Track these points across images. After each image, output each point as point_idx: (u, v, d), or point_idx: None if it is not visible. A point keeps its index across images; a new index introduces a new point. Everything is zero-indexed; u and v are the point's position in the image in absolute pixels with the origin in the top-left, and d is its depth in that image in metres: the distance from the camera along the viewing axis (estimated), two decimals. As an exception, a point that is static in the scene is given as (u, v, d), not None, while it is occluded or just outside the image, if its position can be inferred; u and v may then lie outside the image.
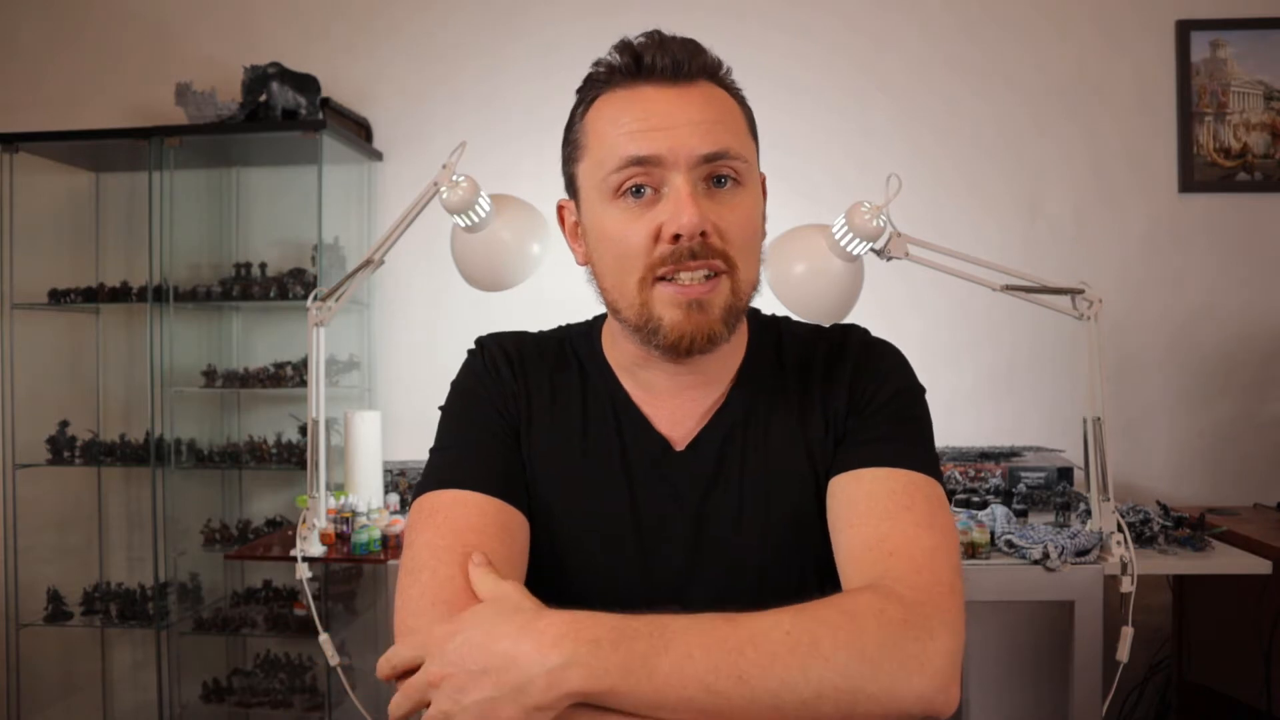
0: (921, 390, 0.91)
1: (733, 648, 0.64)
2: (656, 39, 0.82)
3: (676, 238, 0.78)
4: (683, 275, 0.79)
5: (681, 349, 0.81)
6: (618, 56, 0.82)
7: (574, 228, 0.90)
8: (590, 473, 0.87)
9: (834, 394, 0.88)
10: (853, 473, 0.83)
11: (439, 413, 0.93)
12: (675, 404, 0.89)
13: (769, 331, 0.94)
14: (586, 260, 0.88)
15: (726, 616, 0.67)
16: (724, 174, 0.80)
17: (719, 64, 0.84)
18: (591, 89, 0.85)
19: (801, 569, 0.86)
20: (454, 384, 0.94)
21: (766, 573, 0.85)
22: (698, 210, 0.77)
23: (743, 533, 0.85)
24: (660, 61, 0.80)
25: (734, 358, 0.91)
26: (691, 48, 0.82)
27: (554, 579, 0.84)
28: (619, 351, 0.91)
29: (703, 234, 0.78)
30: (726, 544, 0.85)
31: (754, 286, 0.85)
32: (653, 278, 0.80)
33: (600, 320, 0.95)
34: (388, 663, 0.70)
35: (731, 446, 0.87)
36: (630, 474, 0.87)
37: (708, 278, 0.80)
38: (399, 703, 0.68)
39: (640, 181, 0.79)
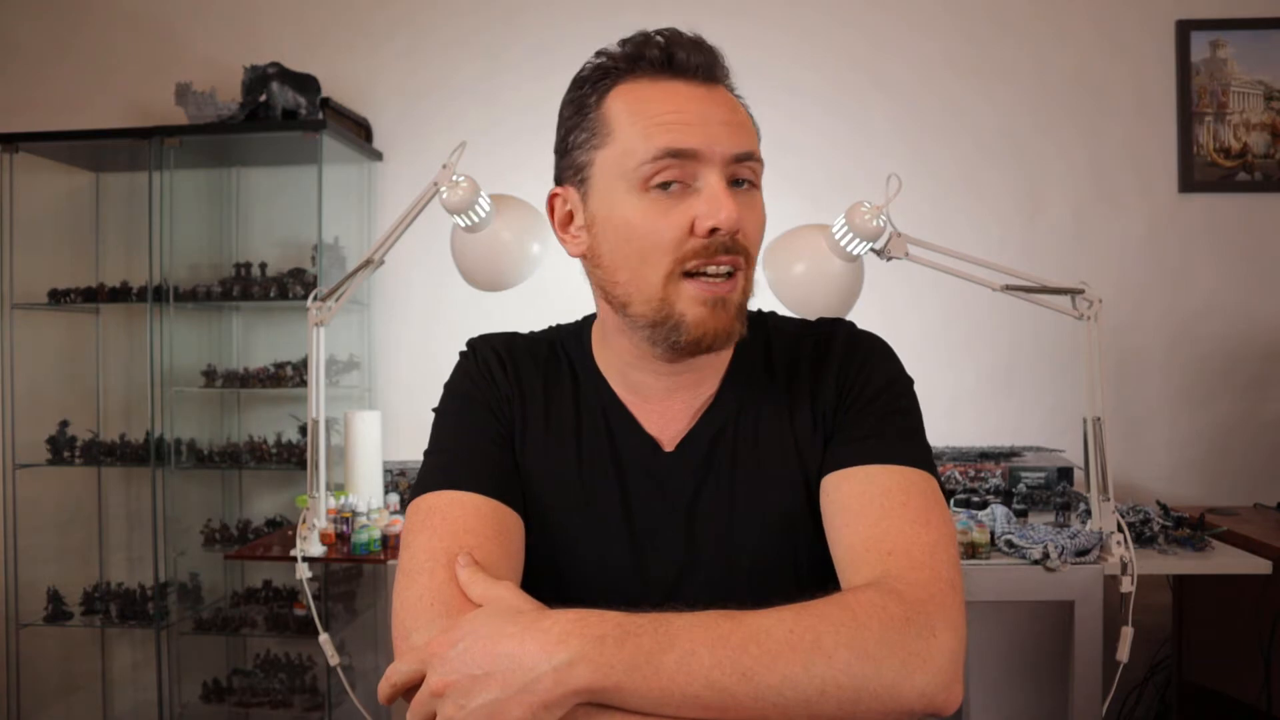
0: (910, 381, 0.90)
1: (736, 644, 0.64)
2: (685, 38, 0.82)
3: (713, 231, 0.78)
4: (710, 269, 0.79)
5: (703, 346, 0.81)
6: (643, 48, 0.81)
7: (567, 218, 0.87)
8: (583, 475, 0.87)
9: (822, 390, 0.88)
10: (845, 470, 0.82)
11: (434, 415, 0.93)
12: (665, 405, 0.89)
13: (757, 328, 0.94)
14: (583, 252, 0.86)
15: (728, 613, 0.67)
16: (745, 177, 0.82)
17: (729, 71, 0.85)
18: (608, 76, 0.83)
19: (795, 567, 0.86)
20: (447, 386, 0.94)
21: (759, 571, 0.85)
22: (735, 205, 0.78)
23: (734, 531, 0.85)
24: (693, 60, 0.81)
25: (723, 356, 0.90)
26: (716, 53, 0.83)
27: (549, 580, 0.84)
28: (609, 353, 0.90)
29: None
30: (718, 543, 0.85)
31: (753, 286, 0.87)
32: (680, 271, 0.79)
33: (589, 320, 0.95)
34: (388, 682, 0.69)
35: (721, 445, 0.87)
36: (622, 475, 0.87)
37: (729, 275, 0.80)
38: None
39: (672, 176, 0.79)
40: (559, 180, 0.88)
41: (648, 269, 0.80)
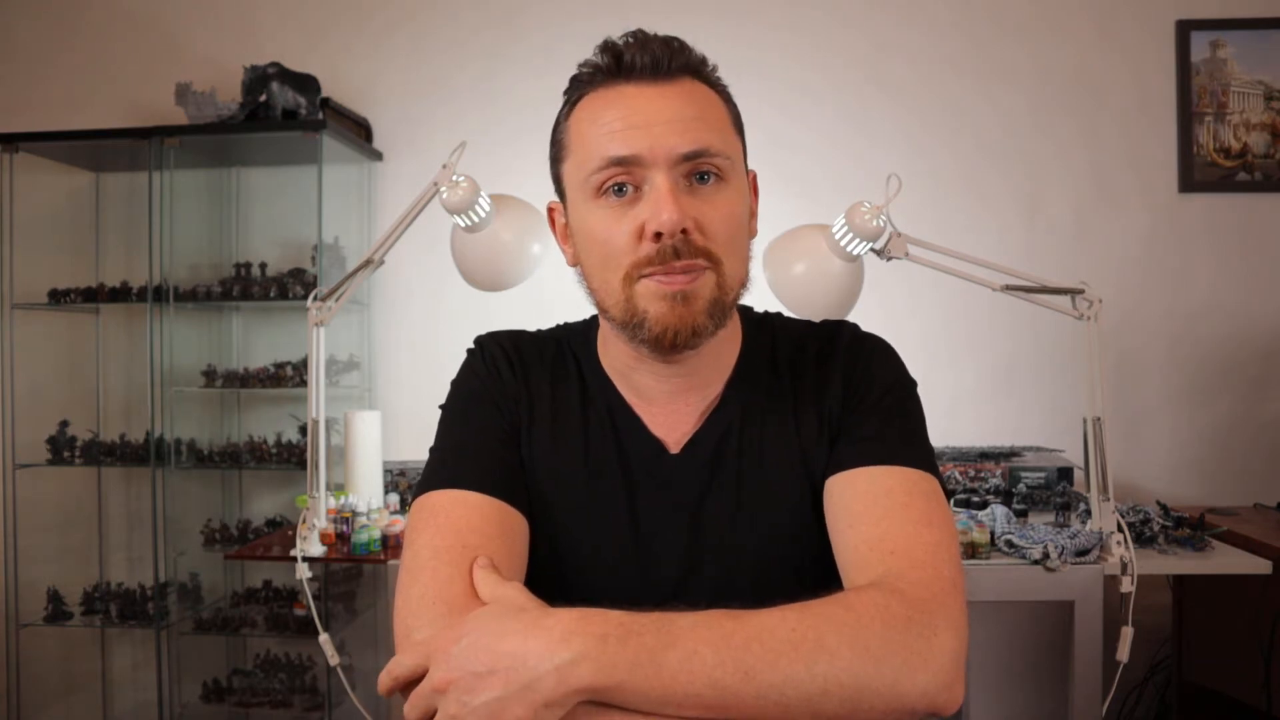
0: (913, 384, 0.91)
1: (738, 643, 0.64)
2: (638, 38, 0.82)
3: (658, 236, 0.78)
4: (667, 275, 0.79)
5: (666, 342, 0.80)
6: (600, 56, 0.82)
7: (564, 229, 0.90)
8: (588, 476, 0.87)
9: (827, 392, 0.88)
10: (849, 472, 0.83)
11: (439, 412, 0.93)
12: (670, 407, 0.89)
13: (762, 330, 0.94)
14: (575, 261, 0.88)
15: (731, 613, 0.67)
16: (706, 171, 0.80)
17: (702, 60, 0.84)
18: (575, 90, 0.85)
19: (798, 568, 0.86)
20: (454, 383, 0.94)
21: (763, 572, 0.85)
22: (678, 207, 0.77)
23: (739, 533, 0.85)
24: (640, 60, 0.80)
25: (728, 358, 0.90)
26: (673, 45, 0.82)
27: (553, 580, 0.84)
28: (612, 355, 0.91)
29: (684, 231, 0.78)
30: (723, 544, 0.86)
31: (742, 283, 0.85)
32: (637, 275, 0.80)
33: (596, 320, 0.95)
34: (389, 675, 0.69)
35: (727, 447, 0.87)
36: (627, 477, 0.87)
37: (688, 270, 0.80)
38: (408, 713, 0.67)
39: (621, 180, 0.80)
40: (555, 193, 0.90)
41: (609, 273, 0.82)
